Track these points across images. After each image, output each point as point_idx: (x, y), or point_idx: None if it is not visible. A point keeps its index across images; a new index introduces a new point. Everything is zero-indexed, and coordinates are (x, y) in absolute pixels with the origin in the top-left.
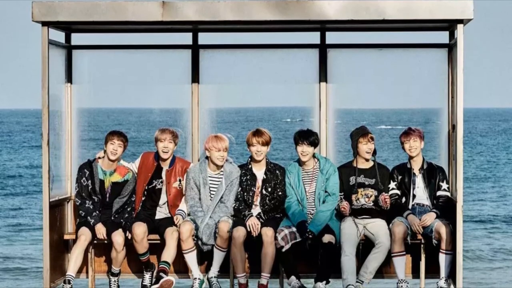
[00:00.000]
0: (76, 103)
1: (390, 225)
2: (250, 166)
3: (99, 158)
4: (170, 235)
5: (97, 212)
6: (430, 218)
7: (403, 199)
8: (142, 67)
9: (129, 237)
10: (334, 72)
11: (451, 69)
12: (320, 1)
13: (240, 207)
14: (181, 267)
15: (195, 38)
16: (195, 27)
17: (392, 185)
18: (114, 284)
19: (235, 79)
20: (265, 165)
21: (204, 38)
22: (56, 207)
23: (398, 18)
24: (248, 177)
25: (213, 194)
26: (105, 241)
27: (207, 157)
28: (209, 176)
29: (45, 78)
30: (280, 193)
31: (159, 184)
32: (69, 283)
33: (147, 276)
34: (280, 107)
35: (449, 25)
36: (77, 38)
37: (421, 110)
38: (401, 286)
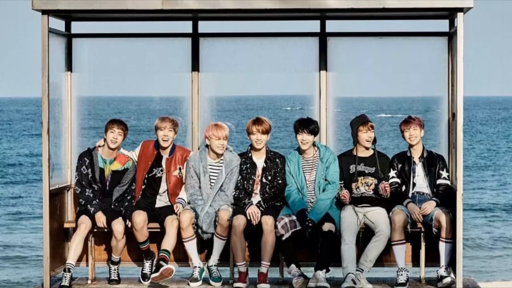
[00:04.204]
0: (76, 92)
1: (390, 213)
2: (250, 155)
3: (99, 146)
4: (170, 223)
5: (97, 200)
6: (430, 207)
7: (403, 188)
8: (142, 55)
9: (129, 226)
10: (334, 61)
11: (451, 58)
12: None
13: (240, 196)
14: (181, 256)
15: (195, 27)
16: (195, 15)
17: (392, 173)
18: (114, 272)
19: (235, 68)
20: (265, 153)
21: (204, 26)
22: (56, 195)
23: (398, 6)
24: (248, 165)
25: (213, 183)
26: (105, 230)
27: (207, 146)
28: (209, 165)
29: (45, 66)
30: (280, 181)
31: (159, 173)
32: (69, 271)
33: (147, 264)
34: (280, 96)
35: (449, 14)
36: (77, 27)
37: (421, 99)
38: (401, 275)
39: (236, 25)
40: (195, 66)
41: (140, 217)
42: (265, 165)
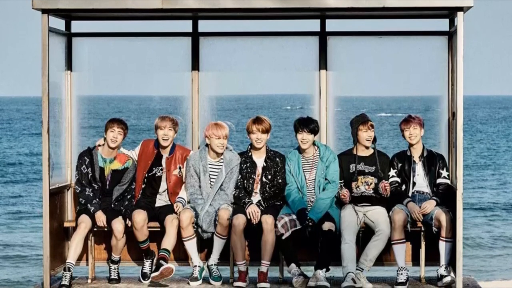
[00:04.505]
0: (76, 91)
1: (390, 212)
2: (250, 154)
3: (99, 145)
4: (170, 222)
5: (97, 199)
6: (430, 206)
7: (403, 187)
8: (142, 54)
9: (129, 225)
10: (334, 60)
11: (451, 57)
12: None
13: (240, 195)
14: (181, 255)
15: (195, 26)
16: (195, 14)
17: (392, 172)
18: (114, 271)
19: (235, 67)
20: (265, 152)
21: (204, 25)
22: (56, 194)
23: (398, 5)
24: (248, 164)
25: (213, 182)
26: (105, 229)
27: (207, 145)
28: (209, 164)
29: (45, 65)
30: (280, 180)
31: (159, 172)
32: (69, 270)
33: (147, 263)
34: (280, 95)
35: (449, 13)
36: (77, 26)
37: (421, 98)
38: (401, 274)
39: (236, 24)
40: (195, 65)
41: (140, 216)
42: (265, 164)
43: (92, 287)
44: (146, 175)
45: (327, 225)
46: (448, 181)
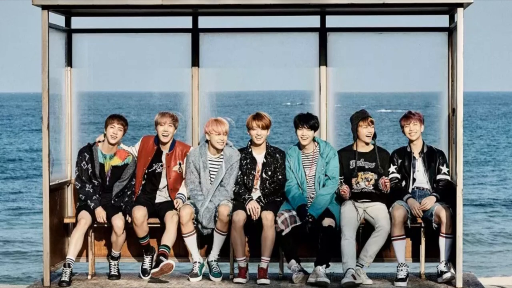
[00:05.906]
0: (76, 87)
1: (390, 208)
2: (250, 150)
3: (99, 141)
4: (170, 218)
5: (97, 195)
6: (430, 202)
7: (403, 183)
8: (142, 50)
9: (129, 221)
10: (334, 56)
11: (451, 53)
12: None
13: (240, 191)
14: (181, 251)
15: (195, 22)
16: (195, 10)
17: (392, 168)
18: (114, 267)
19: (235, 63)
20: (265, 148)
21: (204, 21)
22: (56, 190)
23: (398, 2)
24: (248, 160)
25: (213, 178)
26: (105, 225)
27: (207, 141)
28: (209, 160)
29: (45, 61)
30: (280, 176)
31: (159, 168)
32: (69, 266)
33: (147, 259)
34: (280, 91)
35: (449, 9)
36: (77, 22)
37: (421, 94)
38: (401, 270)
39: (236, 21)
40: (195, 62)
41: (140, 213)
42: (265, 160)
43: (92, 283)
44: (146, 171)
45: (327, 221)
46: (448, 177)
